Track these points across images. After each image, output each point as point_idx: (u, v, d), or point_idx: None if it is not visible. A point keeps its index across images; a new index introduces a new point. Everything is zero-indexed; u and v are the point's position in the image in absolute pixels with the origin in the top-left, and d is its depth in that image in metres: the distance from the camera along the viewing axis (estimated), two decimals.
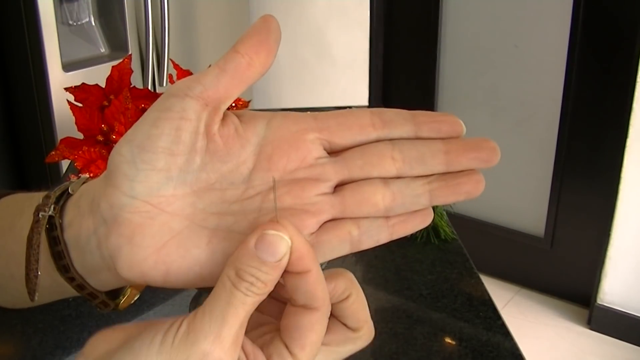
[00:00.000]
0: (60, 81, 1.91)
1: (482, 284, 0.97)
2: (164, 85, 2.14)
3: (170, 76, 0.86)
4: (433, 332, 0.87)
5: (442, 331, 0.87)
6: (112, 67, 0.81)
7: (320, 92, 2.73)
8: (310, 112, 0.33)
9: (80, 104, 0.79)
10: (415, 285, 0.96)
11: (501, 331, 0.87)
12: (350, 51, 2.62)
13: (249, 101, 0.91)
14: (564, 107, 2.24)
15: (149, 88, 2.13)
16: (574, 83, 2.19)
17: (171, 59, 1.08)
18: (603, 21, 2.11)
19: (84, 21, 2.05)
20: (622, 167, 2.07)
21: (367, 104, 2.59)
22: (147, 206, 0.30)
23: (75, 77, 1.92)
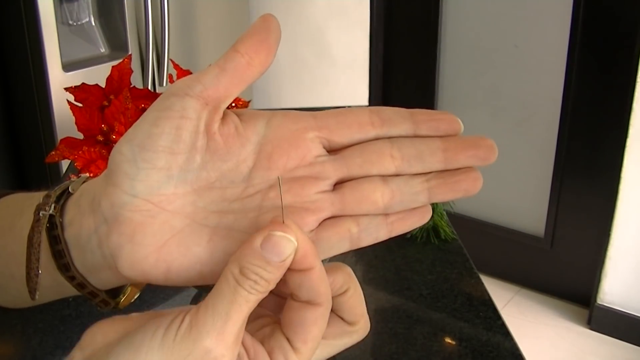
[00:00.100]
0: (60, 81, 1.91)
1: (482, 284, 0.97)
2: (164, 85, 2.14)
3: (170, 76, 0.86)
4: (433, 332, 0.87)
5: (442, 331, 0.87)
6: (112, 67, 0.81)
7: (320, 92, 2.73)
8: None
9: (80, 104, 0.79)
10: (415, 285, 0.96)
11: (501, 331, 0.87)
12: (350, 51, 2.62)
13: (249, 101, 0.91)
14: (564, 107, 2.24)
15: (149, 88, 2.13)
16: (574, 83, 2.19)
17: (171, 59, 1.08)
18: (603, 21, 2.11)
19: (84, 21, 2.05)
20: (622, 167, 2.07)
21: (367, 103, 2.59)
22: (148, 205, 0.30)
23: (75, 77, 1.92)
